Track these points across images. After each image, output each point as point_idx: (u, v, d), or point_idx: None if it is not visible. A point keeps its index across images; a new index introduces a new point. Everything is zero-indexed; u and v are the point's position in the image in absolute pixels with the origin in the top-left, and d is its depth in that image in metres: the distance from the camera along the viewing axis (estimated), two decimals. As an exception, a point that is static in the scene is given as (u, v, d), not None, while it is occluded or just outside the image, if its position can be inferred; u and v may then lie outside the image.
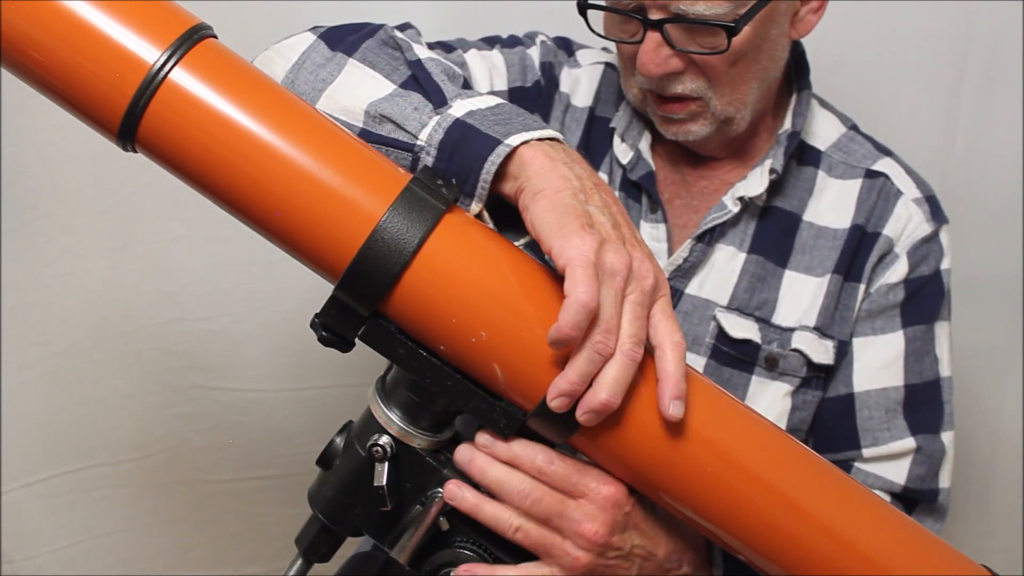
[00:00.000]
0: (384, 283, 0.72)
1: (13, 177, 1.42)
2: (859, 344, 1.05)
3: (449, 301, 0.73)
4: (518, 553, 0.80)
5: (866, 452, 1.04)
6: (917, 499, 1.05)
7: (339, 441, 0.82)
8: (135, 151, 0.75)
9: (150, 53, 0.71)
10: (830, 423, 1.05)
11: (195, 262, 1.47)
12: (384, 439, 0.78)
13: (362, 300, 0.74)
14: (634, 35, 0.97)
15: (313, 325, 0.77)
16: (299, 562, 0.84)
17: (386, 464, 0.77)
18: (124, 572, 1.58)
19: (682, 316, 1.04)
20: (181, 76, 0.71)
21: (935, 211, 1.09)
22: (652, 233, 1.06)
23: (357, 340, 0.77)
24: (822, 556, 0.77)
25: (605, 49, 1.15)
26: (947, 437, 1.06)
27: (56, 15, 0.70)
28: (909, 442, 1.04)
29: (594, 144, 1.10)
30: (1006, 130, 1.42)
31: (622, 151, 1.07)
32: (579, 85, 1.12)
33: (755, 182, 1.04)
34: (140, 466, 1.55)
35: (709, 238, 1.05)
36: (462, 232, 0.75)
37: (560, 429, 0.75)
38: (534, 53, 1.10)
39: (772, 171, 1.04)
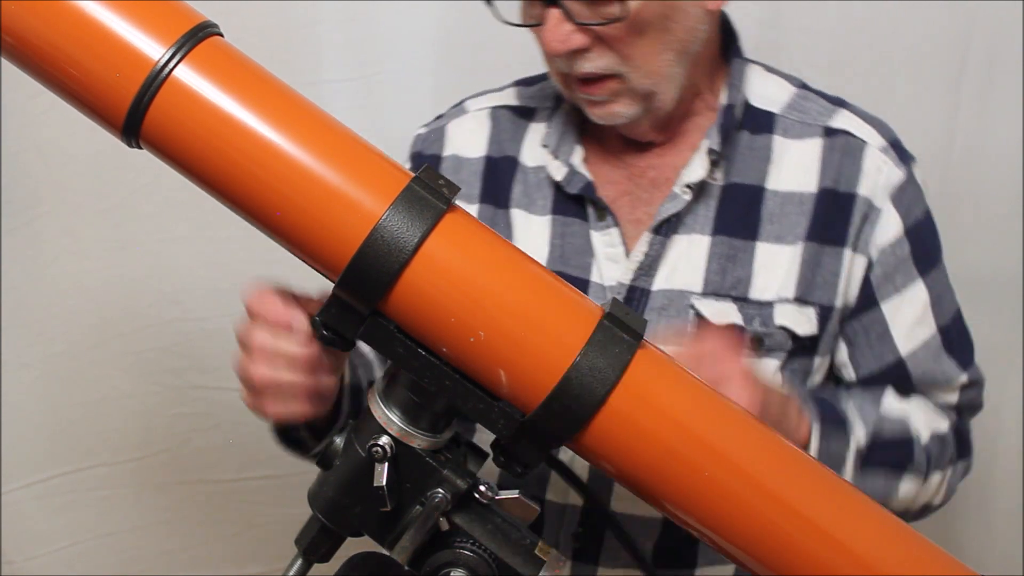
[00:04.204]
0: (384, 282, 0.72)
1: (13, 177, 1.43)
2: (889, 308, 1.05)
3: (448, 300, 0.73)
4: (520, 554, 0.80)
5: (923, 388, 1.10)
6: (972, 411, 1.14)
7: (339, 441, 0.82)
8: (139, 147, 0.75)
9: (155, 50, 0.71)
10: (885, 383, 1.08)
11: (195, 262, 1.47)
12: (384, 439, 0.78)
13: (362, 299, 0.74)
14: (535, 19, 0.97)
15: (313, 324, 0.77)
16: (299, 562, 0.84)
17: (386, 464, 0.77)
18: (124, 572, 1.58)
19: (656, 313, 1.03)
20: (185, 73, 0.71)
21: (901, 154, 1.07)
22: (604, 240, 1.04)
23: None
24: (821, 563, 0.77)
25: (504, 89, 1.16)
26: (976, 363, 1.13)
27: (63, 11, 0.71)
28: (962, 377, 1.10)
29: (498, 186, 1.10)
30: (1006, 130, 1.42)
31: (555, 168, 1.06)
32: (467, 135, 1.12)
33: (697, 166, 1.03)
34: (140, 466, 1.55)
35: (666, 229, 1.03)
36: (462, 231, 0.75)
37: (559, 432, 0.75)
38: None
39: (711, 151, 1.03)
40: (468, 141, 1.12)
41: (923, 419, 1.06)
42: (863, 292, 1.05)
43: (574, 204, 1.06)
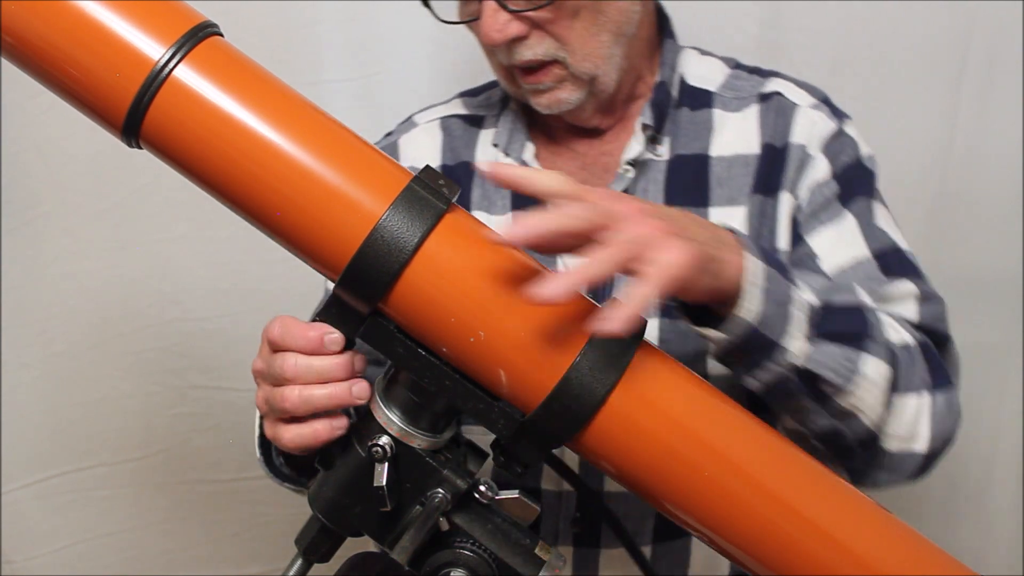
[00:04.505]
0: (384, 282, 0.72)
1: (13, 177, 1.43)
2: (813, 239, 1.04)
3: (448, 300, 0.73)
4: (520, 554, 0.80)
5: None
6: (935, 339, 1.00)
7: (339, 441, 0.82)
8: (139, 147, 0.75)
9: (155, 50, 0.71)
10: None
11: (195, 262, 1.47)
12: (384, 439, 0.78)
13: (362, 298, 0.74)
14: (474, 13, 0.99)
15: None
16: (299, 562, 0.84)
17: (386, 464, 0.77)
18: (124, 572, 1.58)
19: (618, 288, 1.03)
20: (185, 73, 0.72)
21: (834, 110, 1.09)
22: None
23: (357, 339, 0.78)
24: (821, 563, 0.77)
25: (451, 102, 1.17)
26: (936, 291, 1.04)
27: (63, 11, 0.71)
28: (907, 284, 1.02)
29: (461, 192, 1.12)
30: (1006, 130, 1.42)
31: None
32: (421, 147, 1.13)
33: (635, 143, 1.06)
34: (140, 466, 1.55)
35: None
36: (462, 231, 0.75)
37: (559, 432, 0.75)
38: None
39: (645, 127, 1.05)
40: (422, 152, 1.13)
41: (884, 320, 0.95)
42: (792, 231, 1.05)
43: (532, 200, 1.06)
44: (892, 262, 1.04)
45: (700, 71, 1.11)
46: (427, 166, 0.77)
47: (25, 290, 1.47)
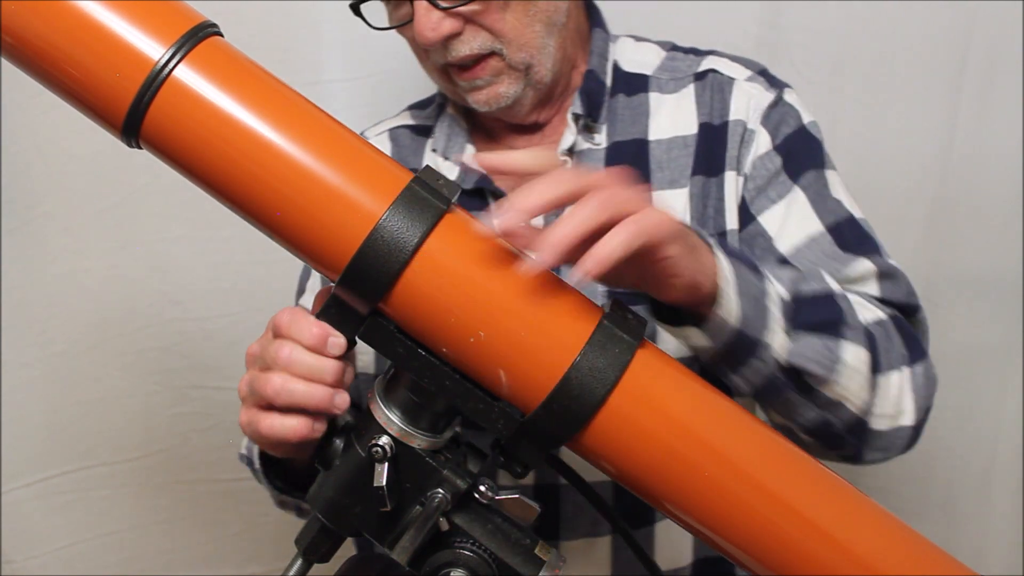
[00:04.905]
0: (383, 282, 0.72)
1: (13, 177, 1.43)
2: (764, 217, 1.03)
3: (448, 300, 0.73)
4: (520, 554, 0.80)
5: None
6: (904, 311, 1.00)
7: (339, 441, 0.82)
8: (139, 147, 0.75)
9: (155, 50, 0.71)
10: None
11: (195, 262, 1.47)
12: (384, 439, 0.78)
13: (362, 298, 0.74)
14: (405, 16, 1.00)
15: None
16: (299, 562, 0.84)
17: (386, 464, 0.77)
18: (124, 572, 1.58)
19: (567, 278, 1.03)
20: (185, 73, 0.72)
21: (771, 80, 1.09)
22: None
23: (357, 339, 0.78)
24: (821, 562, 0.77)
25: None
26: (896, 263, 1.02)
27: (63, 11, 0.71)
28: (866, 263, 0.99)
29: None
30: (1006, 130, 1.42)
31: (447, 168, 1.09)
32: None
33: (568, 133, 1.06)
34: (140, 466, 1.55)
35: None
36: (462, 231, 0.75)
37: (559, 432, 0.75)
38: None
39: (576, 116, 1.06)
40: None
41: (853, 300, 0.95)
42: (742, 209, 1.04)
43: (477, 199, 1.08)
44: (848, 235, 1.02)
45: (635, 56, 1.12)
46: (427, 166, 0.77)
47: (25, 290, 1.47)
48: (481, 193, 1.07)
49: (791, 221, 1.03)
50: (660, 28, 1.33)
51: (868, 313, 0.94)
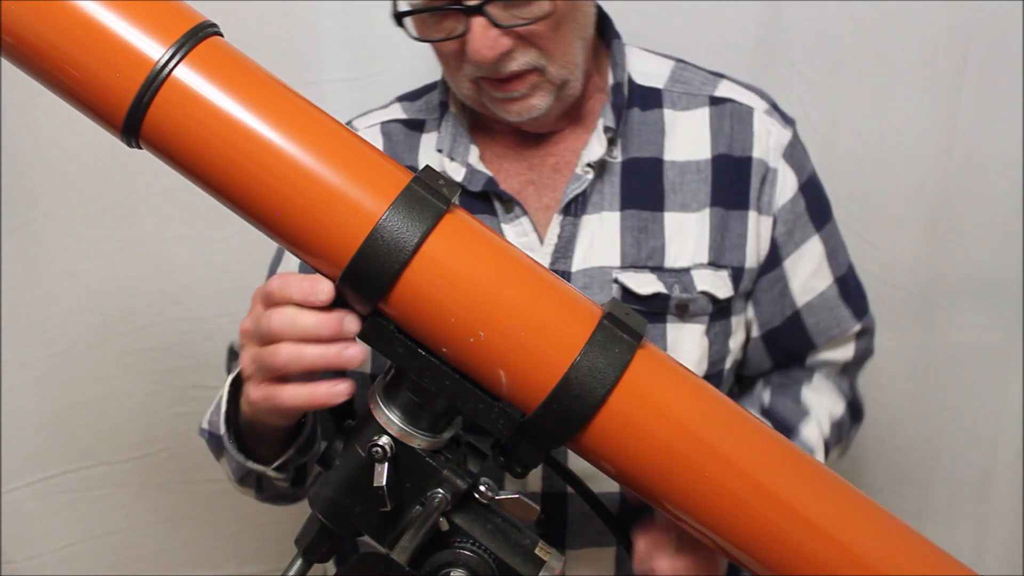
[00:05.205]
0: (383, 282, 0.72)
1: (13, 177, 1.42)
2: (790, 264, 1.09)
3: (448, 300, 0.73)
4: (520, 554, 0.80)
5: (820, 346, 1.14)
6: (860, 364, 1.20)
7: (339, 442, 0.82)
8: (139, 147, 0.75)
9: (155, 50, 0.71)
10: (783, 342, 1.12)
11: (195, 262, 1.47)
12: (384, 439, 0.78)
13: (362, 298, 0.74)
14: (453, 30, 0.97)
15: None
16: (299, 562, 0.84)
17: (386, 464, 0.77)
18: (124, 572, 1.58)
19: (581, 291, 1.03)
20: (185, 73, 0.72)
21: (783, 116, 1.12)
22: (516, 231, 1.06)
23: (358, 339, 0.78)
24: (821, 562, 0.77)
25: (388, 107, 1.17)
26: (872, 314, 1.18)
27: (63, 11, 0.71)
28: (855, 327, 1.15)
29: None
30: (1006, 130, 1.42)
31: (453, 169, 1.07)
32: None
33: (595, 145, 1.06)
34: (140, 466, 1.55)
35: (574, 209, 1.05)
36: (462, 231, 0.75)
37: (559, 432, 0.75)
38: None
39: (607, 129, 1.05)
40: None
41: (825, 405, 1.13)
42: (771, 251, 1.09)
43: (480, 202, 1.07)
44: (850, 286, 1.15)
45: (645, 68, 1.12)
46: (427, 166, 0.77)
47: (25, 290, 1.46)
48: (486, 196, 1.06)
49: (808, 273, 1.11)
50: (660, 28, 1.33)
51: (833, 410, 1.13)
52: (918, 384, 1.52)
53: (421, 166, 1.08)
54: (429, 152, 1.11)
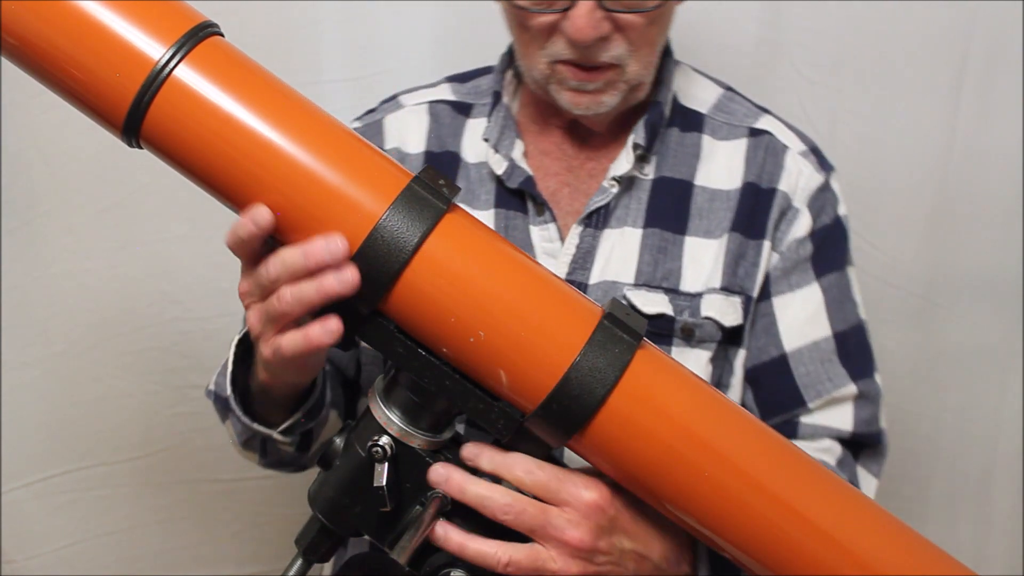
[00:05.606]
0: (383, 282, 0.72)
1: (13, 177, 1.42)
2: (779, 303, 1.05)
3: (448, 300, 0.73)
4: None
5: (811, 405, 1.05)
6: (865, 443, 1.07)
7: (339, 441, 0.82)
8: (139, 147, 0.75)
9: (155, 50, 0.71)
10: (769, 386, 1.06)
11: (195, 262, 1.47)
12: (384, 439, 0.78)
13: (362, 298, 0.74)
14: (552, 3, 0.96)
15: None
16: (299, 562, 0.84)
17: (386, 464, 0.77)
18: (124, 572, 1.58)
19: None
20: (186, 73, 0.72)
21: (821, 161, 1.09)
22: (542, 235, 1.05)
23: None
24: (821, 563, 0.77)
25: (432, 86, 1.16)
26: (878, 378, 1.08)
27: (63, 11, 0.71)
28: (851, 388, 1.05)
29: None
30: (1006, 130, 1.42)
31: (496, 162, 1.07)
32: (408, 130, 1.12)
33: (623, 160, 1.05)
34: (140, 466, 1.55)
35: (596, 221, 1.04)
36: (462, 232, 0.75)
37: (559, 432, 0.75)
38: None
39: (636, 146, 1.04)
40: (407, 135, 1.11)
41: None
42: (763, 284, 1.06)
43: (516, 198, 1.06)
44: (851, 346, 1.07)
45: (693, 90, 1.11)
46: (428, 166, 0.77)
47: (25, 290, 1.46)
48: (521, 195, 1.06)
49: (801, 319, 1.05)
50: (660, 28, 1.32)
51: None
52: (918, 384, 1.52)
53: (464, 152, 1.08)
54: (474, 139, 1.10)
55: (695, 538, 0.84)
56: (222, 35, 0.76)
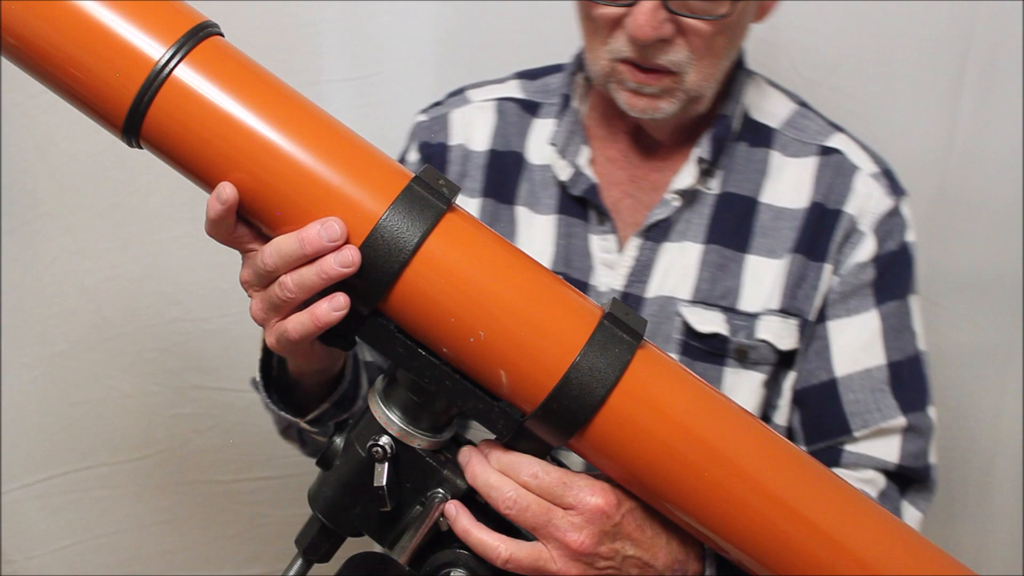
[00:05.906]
0: (384, 281, 0.72)
1: (13, 177, 1.42)
2: (834, 327, 1.04)
3: (449, 300, 0.73)
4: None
5: (857, 434, 1.03)
6: (912, 477, 1.04)
7: (339, 441, 0.82)
8: (139, 147, 0.75)
9: (155, 50, 0.71)
10: (816, 410, 1.04)
11: (195, 262, 1.47)
12: (384, 439, 0.78)
13: (362, 298, 0.74)
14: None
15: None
16: (299, 562, 0.84)
17: (386, 464, 0.77)
18: (124, 572, 1.58)
19: (647, 317, 1.02)
20: (186, 73, 0.72)
21: (893, 184, 1.08)
22: (602, 245, 1.05)
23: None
24: (821, 563, 0.77)
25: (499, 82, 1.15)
26: (932, 412, 1.05)
27: (63, 11, 0.71)
28: (900, 420, 1.03)
29: (503, 181, 1.09)
30: (1006, 130, 1.42)
31: (561, 167, 1.06)
32: (473, 126, 1.11)
33: (686, 174, 1.04)
34: (140, 466, 1.55)
35: (656, 235, 1.04)
36: (463, 231, 0.75)
37: (559, 432, 0.75)
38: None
39: (700, 160, 1.03)
40: (473, 131, 1.11)
41: None
42: (822, 306, 1.04)
43: (578, 205, 1.06)
44: (905, 377, 1.04)
45: (765, 104, 1.09)
46: (428, 166, 0.77)
47: (25, 290, 1.46)
48: (584, 202, 1.05)
49: (856, 345, 1.03)
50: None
51: None
52: (918, 384, 1.52)
53: (529, 153, 1.08)
54: (540, 140, 1.09)
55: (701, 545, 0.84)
56: (222, 35, 0.76)
